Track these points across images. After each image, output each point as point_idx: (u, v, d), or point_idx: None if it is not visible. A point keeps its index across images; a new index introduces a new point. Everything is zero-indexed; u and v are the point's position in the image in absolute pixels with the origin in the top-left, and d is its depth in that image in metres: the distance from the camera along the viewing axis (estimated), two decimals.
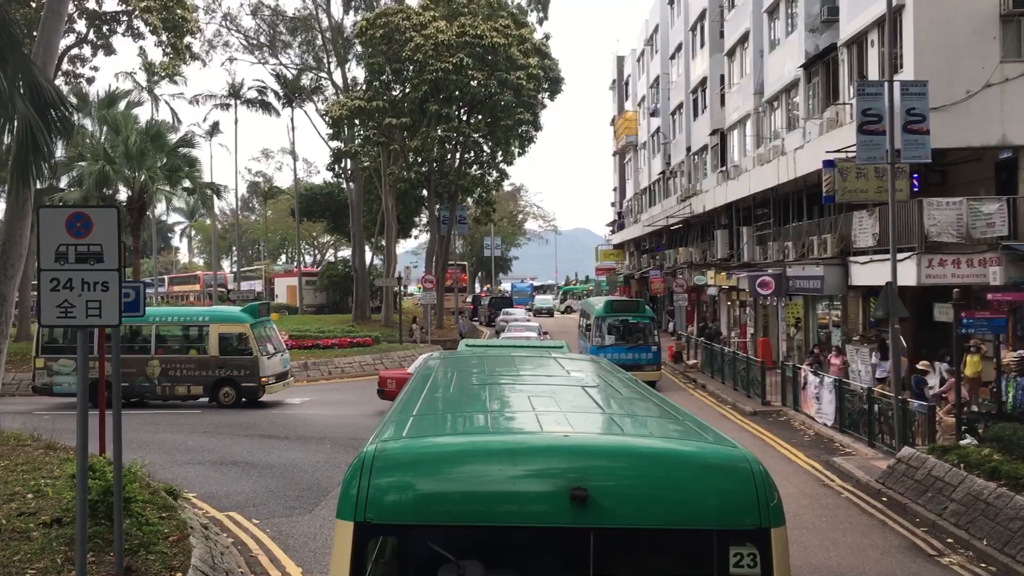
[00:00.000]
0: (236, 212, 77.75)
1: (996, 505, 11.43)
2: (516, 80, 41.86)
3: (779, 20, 31.43)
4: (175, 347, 24.38)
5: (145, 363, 23.74)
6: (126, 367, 23.50)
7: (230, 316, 24.64)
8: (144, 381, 23.74)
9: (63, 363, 23.81)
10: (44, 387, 24.19)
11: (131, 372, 23.54)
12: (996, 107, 20.52)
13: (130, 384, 23.56)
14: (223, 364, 23.62)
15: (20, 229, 14.06)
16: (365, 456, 4.30)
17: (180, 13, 30.43)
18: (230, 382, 23.61)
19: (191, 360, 23.88)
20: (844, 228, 23.92)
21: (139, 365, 23.68)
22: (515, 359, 8.58)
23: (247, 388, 23.55)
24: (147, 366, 23.73)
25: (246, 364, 23.49)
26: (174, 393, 23.85)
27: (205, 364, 23.67)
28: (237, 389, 23.63)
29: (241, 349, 23.59)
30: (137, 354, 23.80)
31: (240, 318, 24.08)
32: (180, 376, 23.73)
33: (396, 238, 51.76)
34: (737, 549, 4.13)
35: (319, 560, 10.62)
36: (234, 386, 23.62)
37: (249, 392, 23.59)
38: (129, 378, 23.51)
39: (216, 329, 23.76)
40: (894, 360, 16.96)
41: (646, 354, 27.21)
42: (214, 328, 23.80)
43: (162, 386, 23.76)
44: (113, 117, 34.44)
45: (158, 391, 23.83)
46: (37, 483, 10.86)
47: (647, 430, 5.38)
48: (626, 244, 66.03)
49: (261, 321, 24.62)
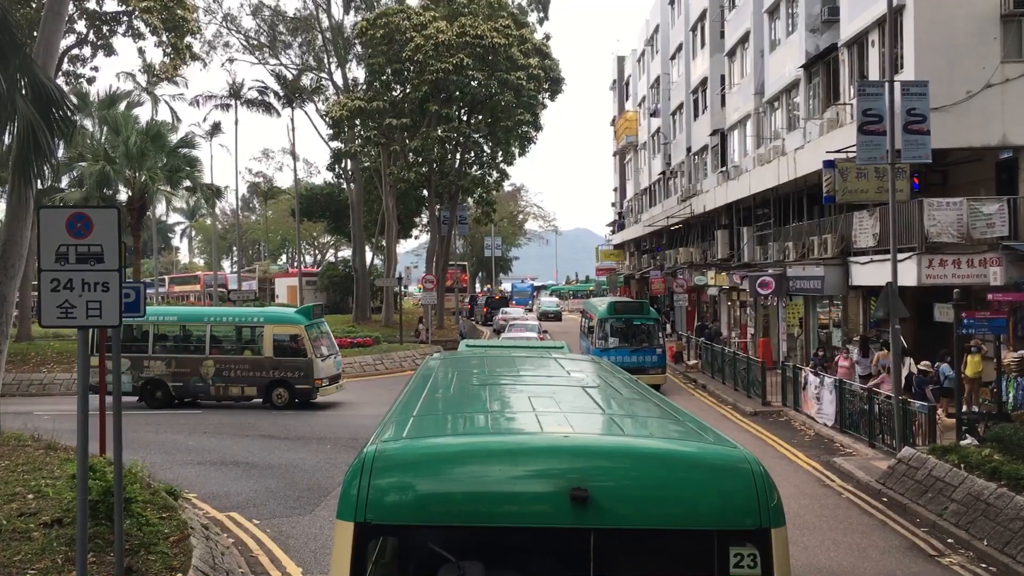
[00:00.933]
0: (236, 212, 77.68)
1: (996, 505, 11.43)
2: (516, 80, 41.86)
3: (780, 20, 31.43)
4: (229, 347, 24.17)
5: (199, 363, 23.52)
6: (180, 367, 23.55)
7: (285, 317, 24.46)
8: (198, 381, 23.52)
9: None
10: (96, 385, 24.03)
11: (185, 372, 23.43)
12: (997, 107, 20.52)
13: (184, 384, 23.46)
14: (277, 365, 23.34)
15: (21, 229, 14.06)
16: (365, 456, 4.30)
17: (180, 13, 30.44)
18: (283, 383, 23.27)
19: (245, 361, 23.62)
20: (844, 228, 23.93)
21: (193, 365, 23.51)
22: (515, 359, 8.57)
23: (300, 390, 23.16)
24: (201, 366, 23.49)
25: (300, 366, 23.16)
26: (228, 394, 23.58)
27: (259, 365, 23.39)
28: (290, 391, 23.26)
29: (295, 350, 23.26)
30: (192, 354, 23.69)
31: (294, 319, 23.80)
32: (234, 377, 23.45)
33: (396, 238, 51.76)
34: (737, 549, 4.13)
35: (319, 560, 10.62)
36: (287, 388, 23.28)
37: (302, 394, 23.19)
38: (183, 378, 23.44)
39: (270, 330, 23.47)
40: (894, 360, 16.96)
41: (650, 357, 26.69)
42: (268, 329, 23.51)
43: (216, 386, 23.50)
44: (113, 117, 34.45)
45: (212, 391, 23.58)
46: (38, 483, 10.86)
47: (647, 431, 5.39)
48: (626, 244, 66.03)
49: (315, 322, 24.29)
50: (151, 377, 23.66)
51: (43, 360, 30.58)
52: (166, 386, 23.64)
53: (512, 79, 41.74)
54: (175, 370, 23.60)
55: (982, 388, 18.59)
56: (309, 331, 23.40)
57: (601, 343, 26.96)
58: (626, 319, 27.78)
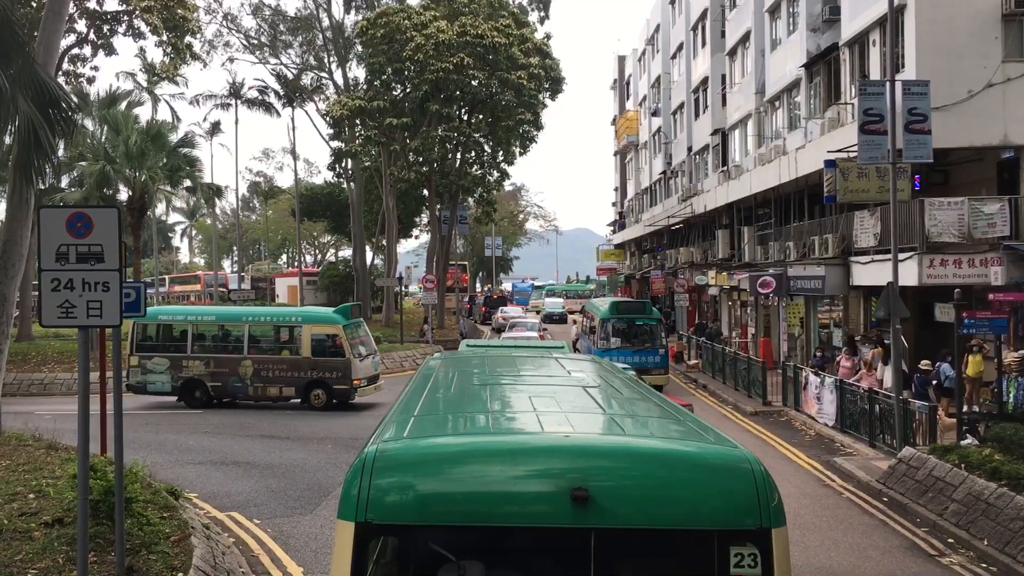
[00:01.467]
0: (237, 212, 77.67)
1: (997, 505, 11.43)
2: (517, 80, 41.85)
3: (780, 20, 31.43)
4: (267, 347, 23.94)
5: (238, 363, 23.28)
6: (219, 367, 23.35)
7: (323, 317, 24.16)
8: (236, 381, 23.30)
9: (157, 361, 23.56)
10: (138, 385, 23.79)
11: (224, 372, 23.24)
12: (998, 107, 20.52)
13: (222, 384, 23.28)
14: (315, 366, 23.05)
15: (21, 229, 14.06)
16: (366, 456, 4.30)
17: (181, 13, 30.43)
18: (322, 384, 22.95)
19: (283, 361, 23.33)
20: (845, 228, 23.92)
21: (232, 365, 23.29)
22: (516, 359, 8.57)
23: (339, 391, 22.82)
24: (239, 366, 23.25)
25: (338, 366, 22.82)
26: (266, 394, 23.33)
27: (297, 365, 23.09)
28: (328, 391, 22.94)
29: (333, 351, 22.96)
30: (230, 354, 23.50)
31: (333, 319, 23.51)
32: (272, 377, 23.15)
33: (397, 238, 51.77)
34: (738, 549, 4.13)
35: (320, 560, 10.62)
36: (325, 388, 22.95)
37: (340, 395, 22.86)
38: (221, 378, 23.25)
39: (308, 330, 23.18)
40: (895, 360, 16.96)
41: (653, 357, 26.28)
42: (307, 329, 23.22)
43: (254, 387, 23.24)
44: (114, 117, 34.45)
45: (250, 392, 23.35)
46: (39, 483, 10.86)
47: (648, 430, 5.39)
48: (627, 244, 66.02)
49: (354, 323, 24.00)
50: (190, 377, 23.47)
51: (44, 360, 30.58)
52: (204, 386, 23.44)
53: (513, 78, 41.74)
54: (213, 370, 23.40)
55: (983, 388, 18.59)
56: (347, 331, 23.07)
57: (603, 343, 26.55)
58: (628, 319, 27.37)
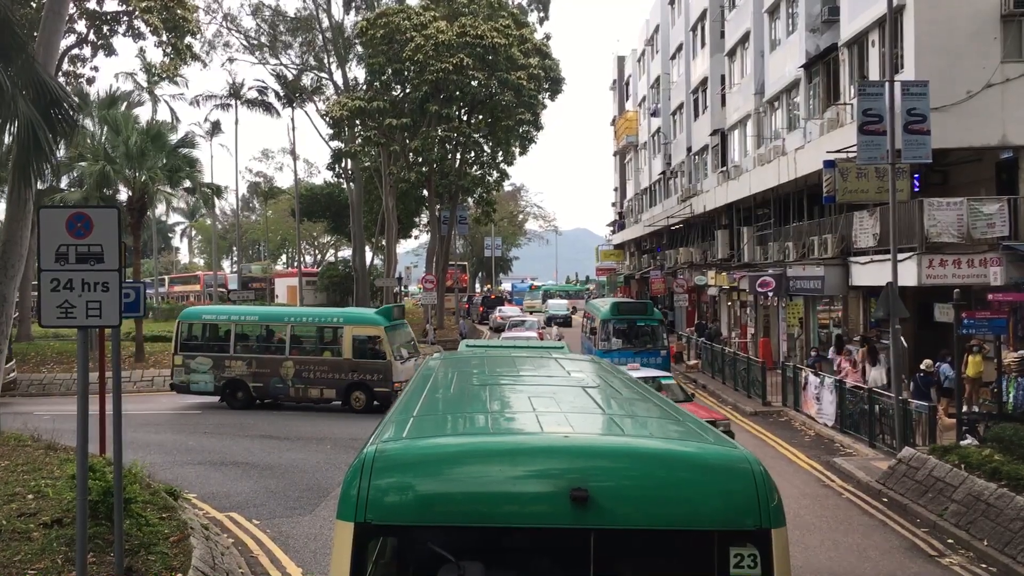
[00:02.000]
0: (237, 212, 77.68)
1: (997, 506, 11.43)
2: (517, 80, 41.85)
3: (780, 20, 31.43)
4: (309, 348, 23.73)
5: (279, 364, 23.14)
6: (261, 367, 23.24)
7: (364, 318, 24.00)
8: (278, 382, 23.15)
9: (200, 361, 23.50)
10: (182, 384, 23.82)
11: (266, 373, 23.13)
12: (997, 107, 20.53)
13: (264, 385, 23.17)
14: (356, 367, 22.83)
15: (21, 229, 14.05)
16: (365, 457, 4.30)
17: (180, 13, 30.40)
18: (362, 386, 22.74)
19: (324, 362, 23.14)
20: (845, 228, 23.92)
21: (273, 366, 23.16)
22: (515, 360, 8.57)
23: (379, 393, 22.46)
24: (281, 367, 23.10)
25: (379, 368, 22.56)
26: (307, 396, 23.13)
27: (338, 367, 22.85)
28: (369, 394, 22.71)
29: (374, 352, 22.75)
30: (272, 354, 23.40)
31: (374, 320, 23.32)
32: (313, 378, 22.99)
33: (396, 238, 51.76)
34: (738, 550, 4.13)
35: (319, 561, 10.62)
36: (366, 390, 22.73)
37: (381, 397, 22.32)
38: (263, 379, 23.14)
39: (350, 331, 22.97)
40: (895, 360, 16.96)
41: (655, 359, 25.88)
42: (348, 330, 23.01)
43: (295, 388, 23.08)
44: (113, 117, 34.38)
45: (291, 393, 23.19)
46: (37, 484, 10.86)
47: (647, 431, 5.38)
48: (627, 244, 66.01)
49: (395, 324, 23.79)
50: (232, 377, 23.39)
51: (43, 360, 30.59)
52: (247, 387, 23.32)
53: (512, 79, 41.73)
54: (255, 370, 23.29)
55: (982, 388, 18.60)
56: (388, 333, 22.82)
57: (604, 344, 26.19)
58: (629, 320, 27.02)
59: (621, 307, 28.45)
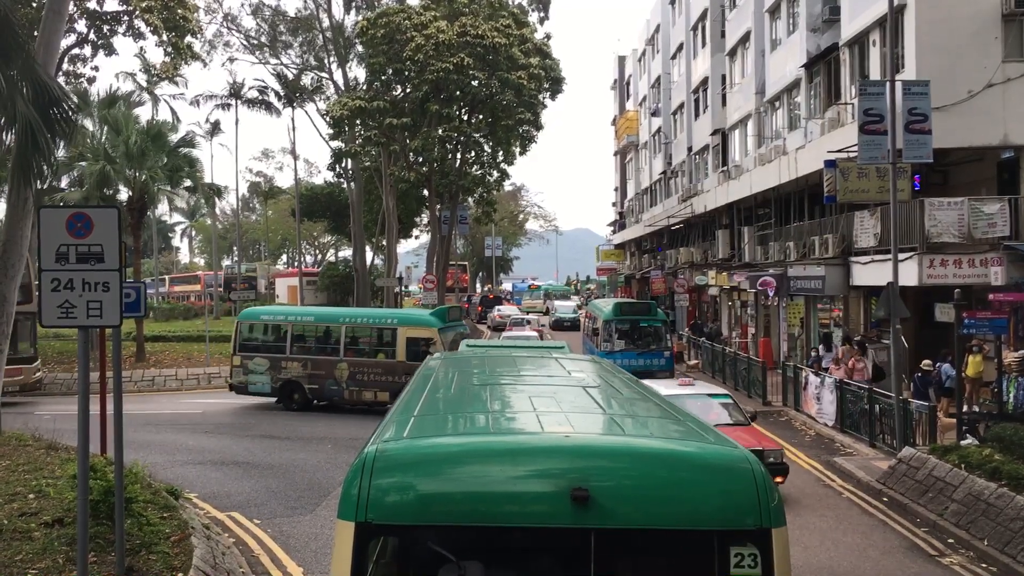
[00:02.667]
0: (237, 212, 77.74)
1: (997, 505, 11.43)
2: (517, 80, 41.83)
3: (780, 20, 31.43)
4: (363, 350, 23.36)
5: (334, 365, 22.76)
6: (316, 369, 22.92)
7: (419, 320, 23.61)
8: (332, 384, 22.81)
9: (258, 362, 23.33)
10: (240, 385, 23.57)
11: (320, 375, 22.83)
12: (998, 107, 20.52)
13: (319, 387, 22.86)
14: (409, 370, 21.80)
15: (21, 229, 14.05)
16: (366, 457, 4.30)
17: (181, 13, 30.37)
18: None
19: (378, 365, 22.74)
20: (845, 228, 23.92)
21: (328, 367, 22.79)
22: (516, 359, 8.56)
23: None
24: (336, 369, 22.74)
25: None
26: (361, 399, 22.69)
27: (392, 369, 22.29)
28: None
29: (428, 355, 22.28)
30: (327, 356, 23.08)
31: (428, 322, 22.91)
32: (368, 381, 22.57)
33: (397, 238, 51.75)
34: (738, 549, 4.13)
35: (320, 560, 10.62)
36: None
37: None
38: (318, 380, 22.83)
39: (404, 333, 22.53)
40: (895, 361, 16.96)
41: (658, 360, 25.48)
42: (402, 332, 22.58)
43: (350, 390, 22.69)
44: (114, 117, 34.39)
45: (345, 395, 22.78)
46: (38, 483, 10.86)
47: (648, 430, 5.38)
48: (627, 244, 66.01)
49: (451, 326, 23.25)
50: (288, 379, 23.10)
51: (44, 360, 30.54)
52: (303, 388, 23.02)
53: (513, 79, 41.71)
54: (311, 372, 23.00)
55: (983, 388, 18.60)
56: (443, 335, 22.29)
57: (607, 345, 25.76)
58: (632, 321, 26.59)
59: (624, 307, 28.02)
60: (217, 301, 60.99)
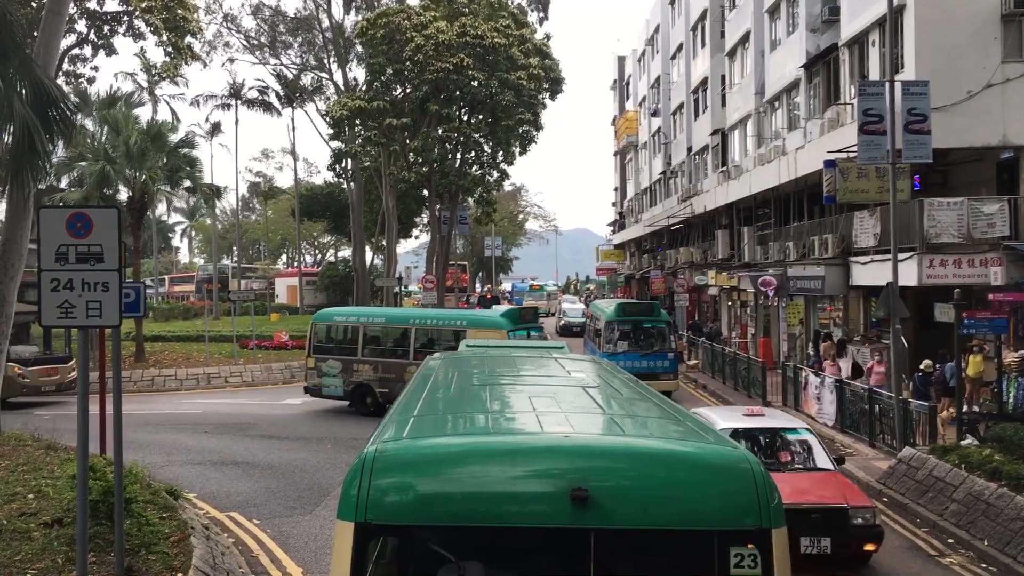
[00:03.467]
0: (236, 212, 77.71)
1: (997, 505, 11.43)
2: (517, 80, 41.83)
3: (780, 20, 31.43)
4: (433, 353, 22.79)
5: (403, 369, 21.85)
6: (386, 372, 22.45)
7: (488, 321, 22.98)
8: (402, 388, 22.06)
9: (331, 364, 23.04)
10: (314, 388, 23.33)
11: (390, 378, 22.16)
12: (997, 107, 20.53)
13: (389, 391, 21.92)
14: None
15: (21, 229, 14.05)
16: (366, 457, 4.30)
17: (181, 13, 30.35)
18: None
19: None
20: (845, 228, 23.92)
21: (398, 371, 22.23)
22: (516, 359, 8.57)
23: None
24: (405, 372, 21.85)
25: None
26: None
27: None
28: None
29: None
30: (397, 359, 22.52)
31: (498, 323, 22.22)
32: None
33: (397, 238, 51.75)
34: (738, 550, 4.13)
35: (320, 560, 10.62)
36: None
37: None
38: (388, 384, 22.16)
39: (473, 335, 21.66)
40: (896, 361, 16.96)
41: (662, 362, 24.94)
42: (471, 333, 21.75)
43: None
44: (114, 117, 34.37)
45: None
46: (38, 483, 10.86)
47: (648, 431, 5.38)
48: (627, 244, 66.03)
49: (524, 327, 22.49)
50: (360, 382, 22.69)
51: None
52: (374, 392, 22.55)
53: (512, 79, 41.72)
54: (381, 375, 22.54)
55: (983, 388, 18.60)
56: (512, 336, 21.51)
57: (609, 347, 25.28)
58: (635, 322, 26.13)
59: (627, 308, 27.47)
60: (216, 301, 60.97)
